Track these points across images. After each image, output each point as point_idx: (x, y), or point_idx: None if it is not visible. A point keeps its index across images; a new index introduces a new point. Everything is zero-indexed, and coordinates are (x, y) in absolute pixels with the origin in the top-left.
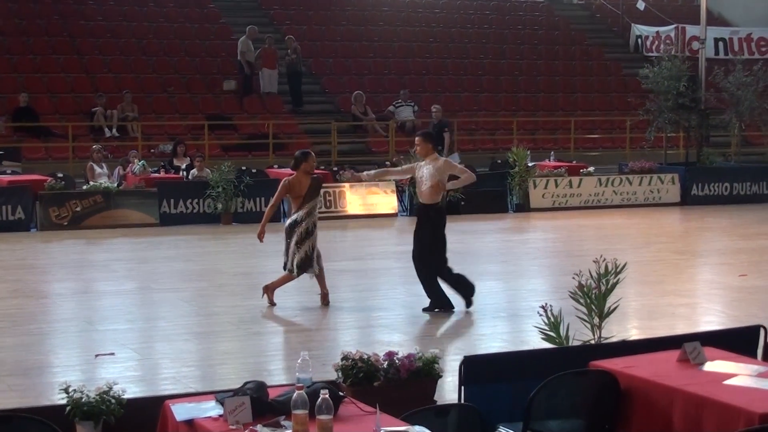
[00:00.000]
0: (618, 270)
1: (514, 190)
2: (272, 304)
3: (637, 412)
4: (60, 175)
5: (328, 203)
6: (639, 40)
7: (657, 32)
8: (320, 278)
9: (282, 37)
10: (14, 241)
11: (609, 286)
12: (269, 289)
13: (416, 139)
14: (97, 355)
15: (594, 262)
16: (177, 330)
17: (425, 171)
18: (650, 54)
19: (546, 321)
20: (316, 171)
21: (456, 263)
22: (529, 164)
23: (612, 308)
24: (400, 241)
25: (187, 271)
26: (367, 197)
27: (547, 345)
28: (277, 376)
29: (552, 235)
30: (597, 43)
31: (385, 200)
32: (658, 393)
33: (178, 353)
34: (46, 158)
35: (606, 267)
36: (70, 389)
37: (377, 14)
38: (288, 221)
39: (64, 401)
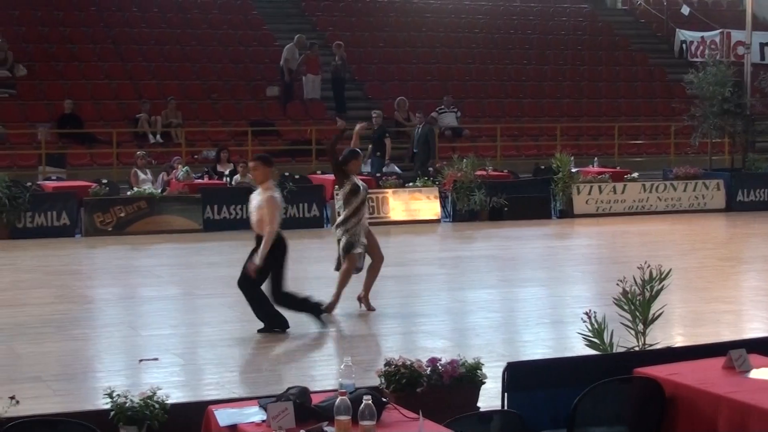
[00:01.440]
0: (663, 276)
1: (558, 196)
2: (370, 309)
3: (681, 420)
4: (104, 181)
5: (370, 209)
6: (684, 46)
7: (702, 37)
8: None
9: (325, 43)
10: (59, 246)
11: (653, 292)
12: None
13: (251, 163)
14: (141, 360)
15: (638, 268)
16: (220, 335)
17: (255, 201)
18: (695, 59)
19: (590, 327)
20: (361, 176)
21: (499, 269)
22: (573, 170)
23: (656, 315)
24: (444, 247)
25: (231, 277)
26: (410, 203)
27: (590, 352)
28: (319, 381)
29: (596, 241)
30: (641, 48)
31: (429, 206)
32: (704, 401)
33: (221, 359)
34: (90, 164)
35: (650, 273)
36: (115, 394)
37: (420, 20)
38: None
39: (108, 406)
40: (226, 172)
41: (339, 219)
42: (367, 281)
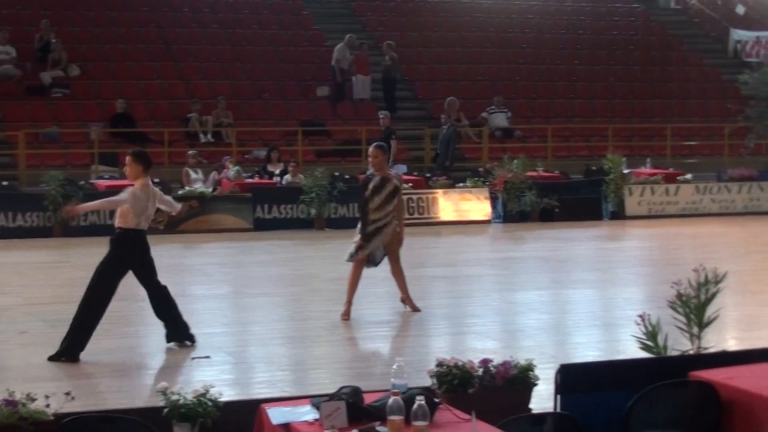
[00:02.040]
0: (718, 279)
1: (609, 197)
2: (416, 309)
3: (737, 425)
4: (156, 180)
5: (421, 209)
6: (738, 46)
7: (757, 37)
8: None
9: (375, 43)
10: None
11: (709, 295)
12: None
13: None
14: (193, 358)
15: (694, 271)
16: (271, 334)
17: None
18: (750, 59)
19: (644, 330)
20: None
21: (550, 271)
22: (625, 171)
23: (711, 318)
24: (494, 248)
25: (281, 276)
26: (460, 204)
27: (644, 355)
28: (370, 381)
29: (648, 243)
30: (694, 48)
31: (479, 207)
32: (760, 405)
33: (272, 357)
34: None
35: (705, 276)
36: (168, 391)
37: (471, 20)
38: None
39: (161, 403)
40: (277, 172)
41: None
42: (399, 284)
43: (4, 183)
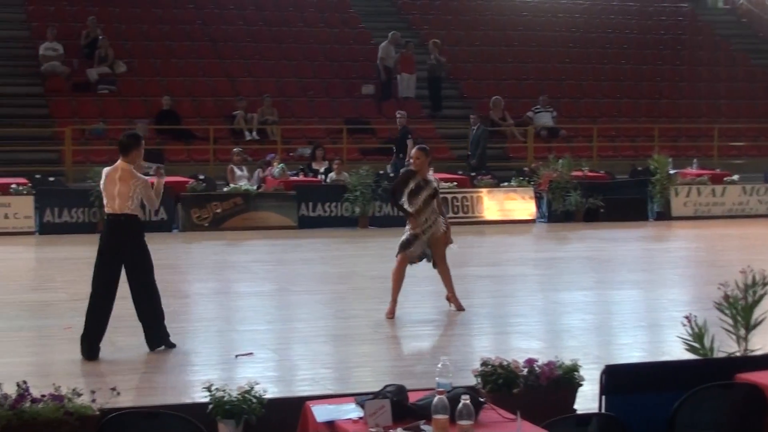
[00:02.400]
0: (765, 281)
1: (655, 197)
2: (460, 308)
3: None
4: (201, 177)
5: (465, 209)
6: None
7: None
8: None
9: (421, 42)
10: (157, 241)
11: (756, 297)
12: (451, 299)
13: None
14: (237, 356)
15: (740, 272)
16: (315, 332)
17: None
18: None
19: (690, 331)
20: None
21: (595, 271)
22: (671, 171)
23: (759, 320)
24: (538, 247)
25: (325, 274)
26: (505, 203)
27: (690, 356)
28: (414, 379)
29: (694, 244)
30: (742, 48)
31: (523, 206)
32: None
33: (315, 355)
34: (187, 160)
35: (753, 277)
36: (213, 388)
37: (517, 19)
38: None
39: (206, 399)
40: (321, 170)
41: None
42: (446, 283)
43: (51, 179)
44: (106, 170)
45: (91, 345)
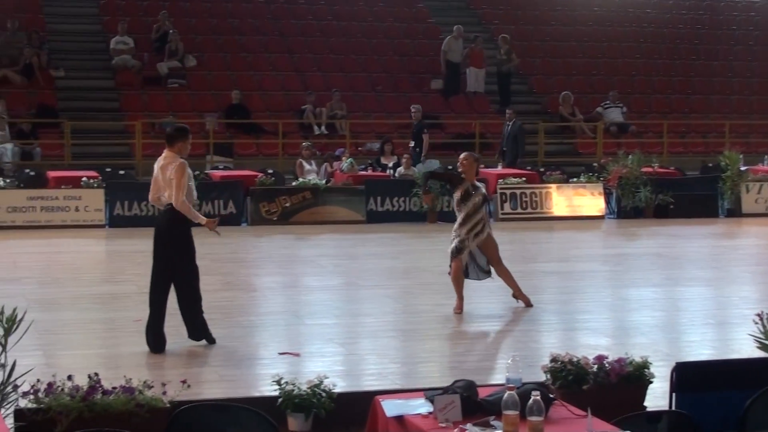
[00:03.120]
0: None
1: (726, 194)
2: (529, 304)
3: None
4: (270, 171)
5: (534, 204)
6: None
7: None
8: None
9: (490, 36)
10: (226, 235)
11: None
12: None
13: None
14: (280, 353)
15: None
16: (383, 327)
17: None
18: None
19: (762, 329)
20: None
21: (664, 268)
22: (742, 168)
23: None
24: (607, 243)
25: (393, 269)
26: (574, 198)
27: (761, 354)
28: (481, 375)
29: (765, 241)
30: None
31: (592, 202)
32: None
33: (383, 350)
34: (256, 154)
35: None
36: (282, 381)
37: (587, 14)
38: None
39: (275, 393)
40: (390, 165)
41: (456, 223)
42: (508, 283)
43: (121, 172)
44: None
45: (153, 337)
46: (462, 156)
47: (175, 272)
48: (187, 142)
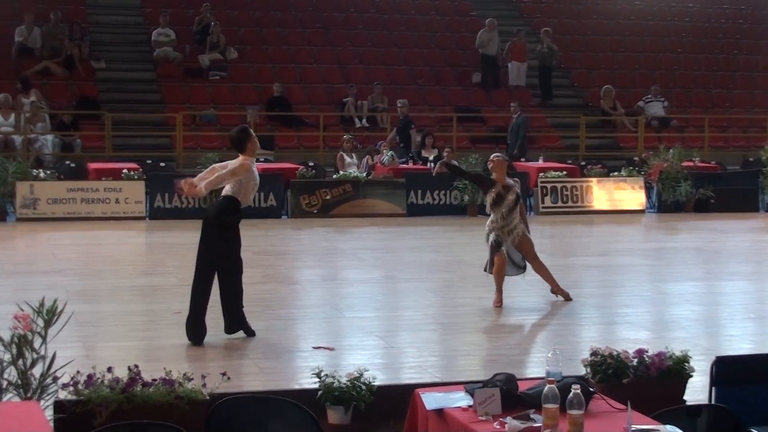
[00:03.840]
0: None
1: (766, 189)
2: (568, 298)
3: None
4: (311, 163)
5: (574, 198)
6: None
7: None
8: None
9: (532, 30)
10: (267, 227)
11: None
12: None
13: None
14: (314, 348)
15: None
16: (423, 320)
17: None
18: None
19: None
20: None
21: (704, 262)
22: None
23: None
24: (648, 237)
25: (433, 262)
26: (614, 192)
27: None
28: (521, 368)
29: None
30: None
31: (633, 196)
32: None
33: (423, 342)
34: (297, 147)
35: None
36: (322, 374)
37: (629, 8)
38: None
39: (315, 385)
40: (431, 158)
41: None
42: (546, 279)
43: (162, 164)
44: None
45: (193, 328)
46: (492, 157)
47: (220, 263)
48: (253, 139)
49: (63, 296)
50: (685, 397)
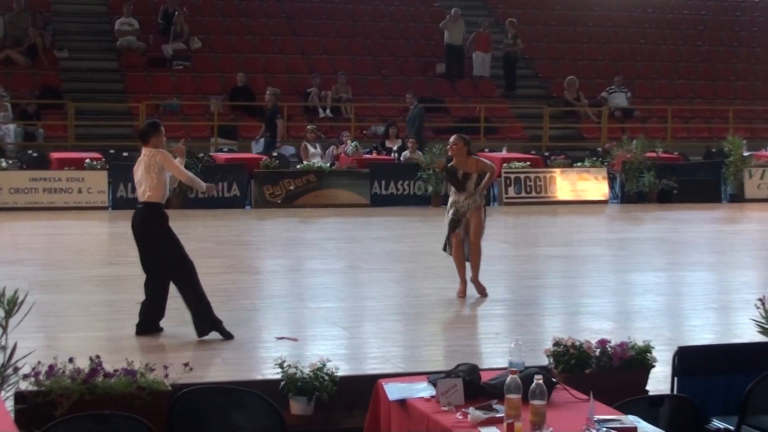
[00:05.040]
0: None
1: (729, 179)
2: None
3: None
4: (275, 154)
5: (538, 188)
6: None
7: None
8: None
9: (496, 21)
10: (230, 217)
11: None
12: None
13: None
14: (278, 338)
15: None
16: (386, 310)
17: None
18: None
19: (763, 314)
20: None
21: (667, 252)
22: (745, 154)
23: None
24: (611, 228)
25: (397, 252)
26: (578, 183)
27: (763, 338)
28: (484, 359)
29: (767, 226)
30: None
31: (596, 186)
32: None
33: (386, 333)
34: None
35: None
36: (285, 364)
37: None
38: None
39: (278, 376)
40: (395, 148)
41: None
42: (473, 264)
43: (125, 154)
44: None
45: (141, 323)
46: (452, 140)
47: (166, 270)
48: (160, 135)
49: (24, 286)
50: (647, 387)
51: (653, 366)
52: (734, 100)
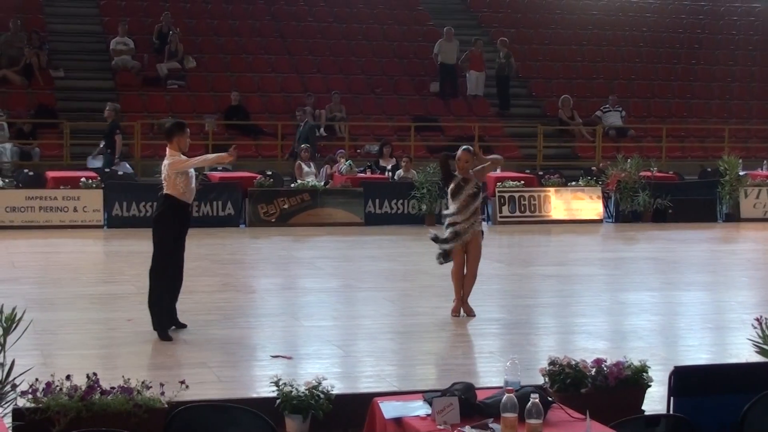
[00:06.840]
0: None
1: (724, 199)
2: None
3: None
4: (269, 172)
5: (532, 207)
6: None
7: None
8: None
9: (490, 39)
10: (224, 236)
11: None
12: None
13: None
14: (273, 357)
15: None
16: (380, 328)
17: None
18: None
19: (760, 334)
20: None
21: (662, 272)
22: (741, 173)
23: None
24: (605, 247)
25: (391, 271)
26: (572, 202)
27: (760, 359)
28: (479, 378)
29: (763, 246)
30: None
31: (590, 206)
32: None
33: (381, 351)
34: (255, 156)
35: None
36: (280, 383)
37: (587, 18)
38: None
39: (273, 394)
40: (389, 167)
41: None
42: (467, 286)
43: (120, 173)
44: None
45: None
46: (460, 154)
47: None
48: (184, 135)
49: (21, 304)
50: (643, 407)
51: (649, 386)
52: (729, 119)
